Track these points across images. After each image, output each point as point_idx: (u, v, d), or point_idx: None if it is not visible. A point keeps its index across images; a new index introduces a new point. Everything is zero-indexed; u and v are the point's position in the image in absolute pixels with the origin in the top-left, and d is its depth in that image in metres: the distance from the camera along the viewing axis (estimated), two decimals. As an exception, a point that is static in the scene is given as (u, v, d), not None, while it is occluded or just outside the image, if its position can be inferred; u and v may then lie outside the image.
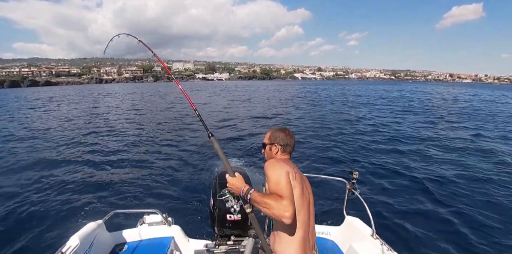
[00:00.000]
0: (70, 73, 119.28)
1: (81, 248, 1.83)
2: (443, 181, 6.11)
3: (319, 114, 17.20)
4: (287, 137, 1.58)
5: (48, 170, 6.03)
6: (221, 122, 13.59)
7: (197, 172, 6.19)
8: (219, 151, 1.64)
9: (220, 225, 2.16)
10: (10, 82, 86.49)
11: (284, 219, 1.22)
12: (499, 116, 16.99)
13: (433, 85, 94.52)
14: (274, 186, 1.33)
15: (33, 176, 5.68)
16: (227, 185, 1.53)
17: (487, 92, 49.54)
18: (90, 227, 2.06)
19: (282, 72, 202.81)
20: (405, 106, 21.70)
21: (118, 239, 2.36)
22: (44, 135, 10.00)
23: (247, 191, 1.40)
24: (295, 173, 1.41)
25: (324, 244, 2.57)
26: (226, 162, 1.61)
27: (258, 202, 1.32)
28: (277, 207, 1.23)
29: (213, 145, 1.69)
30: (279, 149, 1.57)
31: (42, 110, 19.04)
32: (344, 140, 10.07)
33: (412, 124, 13.92)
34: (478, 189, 5.73)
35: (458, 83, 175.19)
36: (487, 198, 5.30)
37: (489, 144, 9.47)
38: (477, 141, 10.22)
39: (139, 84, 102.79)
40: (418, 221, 4.36)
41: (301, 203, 1.38)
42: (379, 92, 43.69)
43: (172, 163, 6.80)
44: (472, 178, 6.35)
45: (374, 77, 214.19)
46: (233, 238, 2.22)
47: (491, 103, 26.69)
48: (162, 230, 2.46)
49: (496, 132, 11.84)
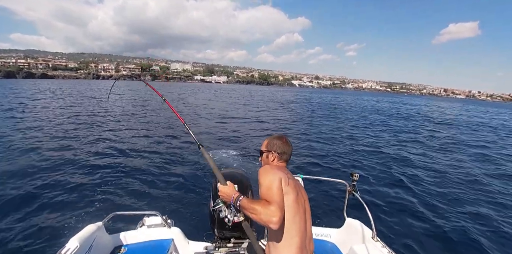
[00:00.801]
0: (67, 67, 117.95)
1: (80, 250, 1.81)
2: (445, 184, 6.29)
3: (318, 118, 17.42)
4: (284, 144, 1.57)
5: (46, 171, 5.87)
6: (220, 123, 13.60)
7: (197, 173, 6.16)
8: (209, 161, 1.67)
9: (220, 227, 2.16)
10: (5, 72, 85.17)
11: (271, 225, 1.20)
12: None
13: (428, 99, 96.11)
14: (265, 191, 1.32)
15: (31, 176, 5.53)
16: (218, 193, 1.52)
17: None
18: (89, 229, 2.04)
19: (280, 78, 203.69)
20: (406, 115, 22.11)
21: (118, 241, 2.33)
22: (43, 135, 9.72)
23: (237, 198, 1.39)
24: (289, 179, 1.39)
25: (325, 246, 2.56)
26: (217, 171, 1.63)
27: (247, 208, 1.31)
28: (264, 213, 1.21)
29: (203, 155, 1.72)
30: (276, 157, 1.56)
31: (40, 106, 18.65)
32: (345, 142, 10.23)
33: (415, 129, 14.22)
34: (482, 193, 5.90)
35: (452, 98, 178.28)
36: (490, 201, 5.49)
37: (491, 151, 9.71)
38: (478, 149, 10.53)
39: (137, 82, 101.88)
40: (419, 224, 4.40)
41: (295, 210, 1.35)
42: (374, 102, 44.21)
43: (172, 165, 6.75)
44: (475, 183, 6.57)
45: (370, 89, 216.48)
46: (233, 240, 2.23)
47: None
48: (162, 232, 2.44)
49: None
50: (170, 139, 9.80)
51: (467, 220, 4.65)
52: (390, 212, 4.78)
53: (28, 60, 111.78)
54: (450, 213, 4.85)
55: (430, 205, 5.16)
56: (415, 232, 4.16)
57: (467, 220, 4.63)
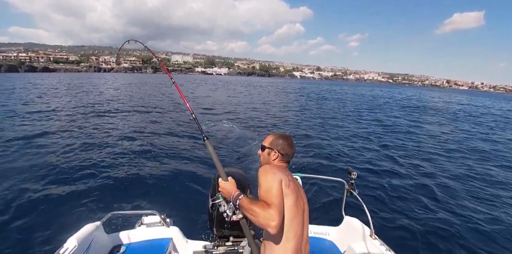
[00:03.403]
0: (68, 60, 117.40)
1: (78, 249, 1.82)
2: (443, 182, 6.29)
3: (319, 113, 17.32)
4: (289, 146, 1.52)
5: (45, 170, 5.83)
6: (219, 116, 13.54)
7: (196, 172, 6.14)
8: (213, 154, 1.65)
9: (218, 226, 2.17)
10: (7, 66, 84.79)
11: (270, 229, 1.17)
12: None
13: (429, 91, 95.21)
14: (264, 193, 1.28)
15: (29, 177, 5.50)
16: (218, 189, 1.51)
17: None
18: (88, 228, 2.04)
19: (281, 70, 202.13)
20: (407, 105, 21.98)
21: (116, 241, 2.34)
22: (43, 135, 9.62)
23: (237, 197, 1.36)
24: (289, 181, 1.35)
25: (323, 245, 2.58)
26: (220, 165, 1.61)
27: (246, 209, 1.28)
28: (263, 216, 1.18)
29: (207, 148, 1.69)
30: (278, 157, 1.51)
31: (41, 102, 18.62)
32: (343, 141, 10.15)
33: (413, 124, 14.11)
34: (479, 190, 5.93)
35: (454, 90, 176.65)
36: (487, 197, 5.50)
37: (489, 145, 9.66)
38: (476, 143, 10.49)
39: (138, 75, 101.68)
40: (417, 221, 4.43)
41: (294, 212, 1.32)
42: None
43: (171, 164, 6.72)
44: (473, 179, 6.58)
45: (372, 80, 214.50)
46: (232, 239, 2.24)
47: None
48: (160, 231, 2.46)
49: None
50: (170, 138, 9.69)
51: (466, 218, 4.65)
52: (388, 210, 4.79)
53: (29, 54, 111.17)
54: (449, 211, 4.86)
55: (428, 203, 5.16)
56: (413, 230, 4.17)
57: (466, 218, 4.64)
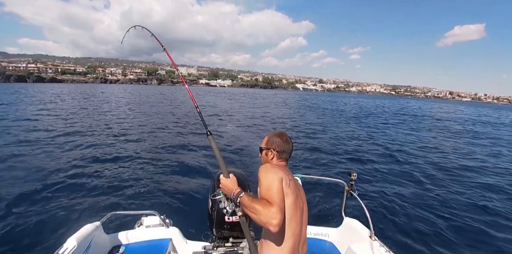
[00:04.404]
0: (75, 71, 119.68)
1: (78, 250, 1.81)
2: (442, 183, 6.27)
3: (320, 118, 17.36)
4: (283, 143, 1.50)
5: (44, 171, 5.89)
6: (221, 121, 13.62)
7: (195, 173, 6.17)
8: (215, 150, 1.65)
9: (218, 226, 2.15)
10: (16, 77, 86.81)
11: (271, 227, 1.16)
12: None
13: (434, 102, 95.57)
14: (265, 191, 1.27)
15: (29, 177, 5.55)
16: (219, 185, 1.52)
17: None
18: (87, 228, 2.04)
19: (284, 82, 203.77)
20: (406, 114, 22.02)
21: (116, 241, 2.33)
22: (43, 136, 9.79)
23: (238, 194, 1.36)
24: (290, 180, 1.34)
25: (323, 246, 2.55)
26: (222, 162, 1.61)
27: (247, 207, 1.27)
28: (265, 214, 1.17)
29: (210, 144, 1.70)
30: (275, 155, 1.50)
31: (47, 108, 18.94)
32: (344, 142, 10.20)
33: (412, 130, 14.12)
34: (478, 192, 5.89)
35: (457, 101, 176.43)
36: (484, 201, 5.45)
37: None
38: (474, 147, 10.42)
39: (144, 86, 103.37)
40: (417, 223, 4.39)
41: (293, 212, 1.32)
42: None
43: (171, 164, 6.77)
44: (472, 182, 6.52)
45: (374, 92, 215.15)
46: (231, 239, 2.21)
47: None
48: (160, 232, 2.45)
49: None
50: (170, 140, 9.80)
51: (465, 218, 4.63)
52: (388, 211, 4.77)
53: (38, 65, 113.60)
54: (449, 213, 4.83)
55: (428, 204, 5.16)
56: (413, 231, 4.14)
57: (465, 219, 4.62)
